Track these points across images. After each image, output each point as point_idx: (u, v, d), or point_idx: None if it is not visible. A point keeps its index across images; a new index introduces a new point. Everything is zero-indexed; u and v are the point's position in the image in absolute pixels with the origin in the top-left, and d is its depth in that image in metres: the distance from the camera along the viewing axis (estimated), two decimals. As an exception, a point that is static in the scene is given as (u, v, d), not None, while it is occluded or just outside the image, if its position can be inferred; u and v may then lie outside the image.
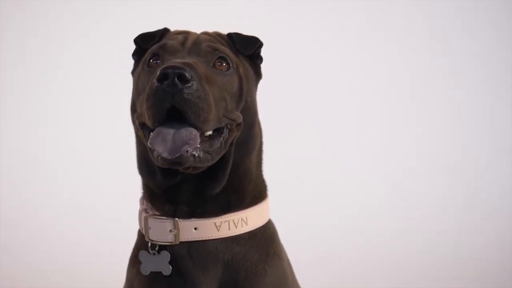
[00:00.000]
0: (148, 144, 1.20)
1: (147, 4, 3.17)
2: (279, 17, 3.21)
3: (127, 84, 1.47)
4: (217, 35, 1.38)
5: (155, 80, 1.16)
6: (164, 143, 1.16)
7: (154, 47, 1.32)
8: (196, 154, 1.18)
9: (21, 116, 3.15)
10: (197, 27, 1.41)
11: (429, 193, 3.11)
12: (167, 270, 1.29)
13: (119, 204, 2.37)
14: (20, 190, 3.04)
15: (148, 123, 1.21)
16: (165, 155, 1.15)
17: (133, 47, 1.41)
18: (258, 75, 1.41)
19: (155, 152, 1.18)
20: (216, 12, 3.09)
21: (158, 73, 1.15)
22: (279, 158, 2.43)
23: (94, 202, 2.95)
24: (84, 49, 3.18)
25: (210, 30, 1.40)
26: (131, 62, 1.44)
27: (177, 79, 1.14)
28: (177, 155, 1.15)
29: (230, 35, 1.38)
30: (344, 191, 3.03)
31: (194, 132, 1.17)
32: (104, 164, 3.02)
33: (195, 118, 1.16)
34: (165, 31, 1.39)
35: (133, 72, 1.41)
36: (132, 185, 1.46)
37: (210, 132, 1.22)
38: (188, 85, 1.15)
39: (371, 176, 3.12)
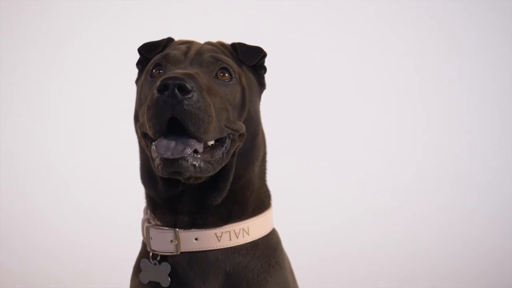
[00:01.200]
0: (152, 147, 1.20)
1: (153, 7, 3.16)
2: (284, 25, 3.19)
3: (129, 86, 1.46)
4: (221, 45, 1.37)
5: (155, 91, 1.16)
6: (167, 146, 1.16)
7: (157, 57, 1.32)
8: (197, 164, 1.17)
9: (21, 116, 3.14)
10: (201, 36, 1.40)
11: (434, 198, 3.08)
12: (165, 282, 1.28)
13: (124, 212, 2.35)
14: (20, 191, 3.03)
15: (149, 133, 1.20)
16: (166, 155, 1.15)
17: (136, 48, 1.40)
18: (261, 86, 1.41)
19: (156, 161, 1.18)
20: (222, 18, 3.08)
21: (158, 83, 1.15)
22: (284, 166, 2.42)
23: (95, 203, 2.94)
24: (86, 49, 3.17)
25: (214, 39, 1.39)
26: (135, 63, 1.43)
27: (177, 90, 1.13)
28: (181, 156, 1.15)
29: (233, 45, 1.37)
30: (350, 197, 3.01)
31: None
32: (108, 165, 3.01)
33: (195, 129, 1.15)
34: (169, 40, 1.39)
35: (137, 81, 1.41)
36: (138, 190, 1.45)
37: (212, 142, 1.22)
38: (188, 96, 1.14)
39: (376, 182, 3.10)
